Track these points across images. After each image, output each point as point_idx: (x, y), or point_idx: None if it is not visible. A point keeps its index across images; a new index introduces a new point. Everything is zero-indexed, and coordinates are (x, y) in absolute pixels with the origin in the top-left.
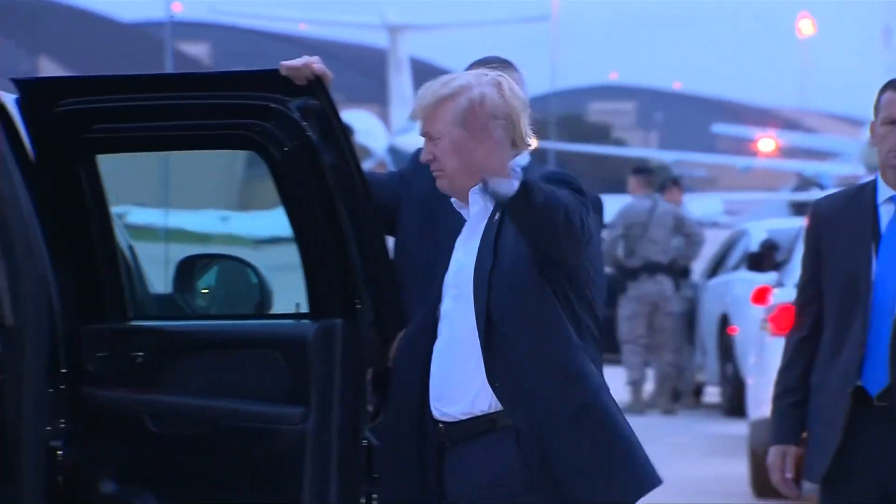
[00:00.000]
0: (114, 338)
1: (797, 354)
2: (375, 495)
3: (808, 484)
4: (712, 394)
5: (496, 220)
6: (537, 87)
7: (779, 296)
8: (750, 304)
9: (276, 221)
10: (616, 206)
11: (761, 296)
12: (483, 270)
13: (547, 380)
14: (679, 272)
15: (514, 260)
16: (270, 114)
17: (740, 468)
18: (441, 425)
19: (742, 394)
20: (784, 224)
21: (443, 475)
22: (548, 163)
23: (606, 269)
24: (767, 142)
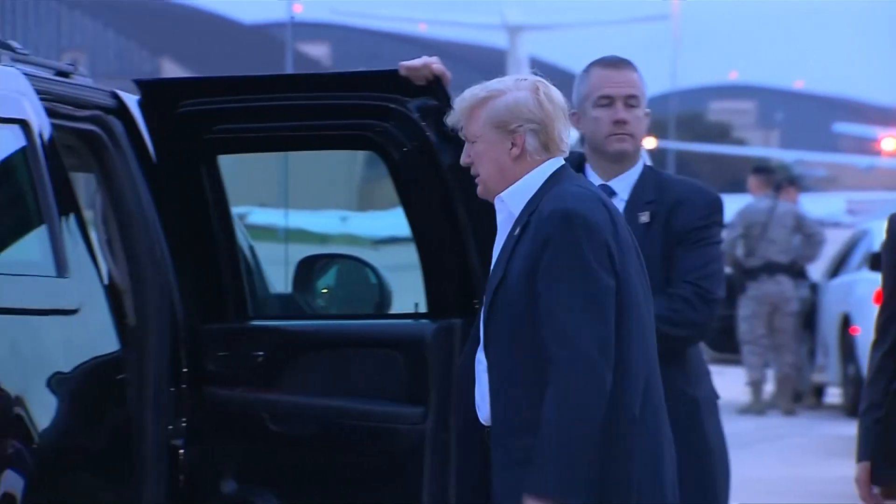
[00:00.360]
0: (234, 337)
1: (881, 370)
2: None
3: None
4: (834, 395)
5: (516, 234)
6: (657, 86)
7: None
8: (872, 305)
9: (395, 221)
10: (736, 206)
11: None
12: (492, 284)
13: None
14: (797, 273)
15: (517, 278)
16: (390, 114)
17: None
18: (486, 429)
19: None
20: None
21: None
22: (667, 162)
23: (726, 270)
24: (890, 141)
